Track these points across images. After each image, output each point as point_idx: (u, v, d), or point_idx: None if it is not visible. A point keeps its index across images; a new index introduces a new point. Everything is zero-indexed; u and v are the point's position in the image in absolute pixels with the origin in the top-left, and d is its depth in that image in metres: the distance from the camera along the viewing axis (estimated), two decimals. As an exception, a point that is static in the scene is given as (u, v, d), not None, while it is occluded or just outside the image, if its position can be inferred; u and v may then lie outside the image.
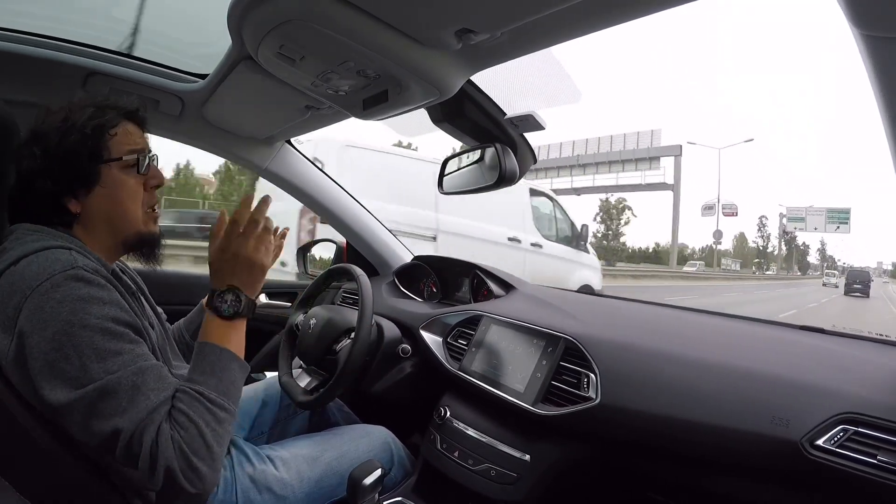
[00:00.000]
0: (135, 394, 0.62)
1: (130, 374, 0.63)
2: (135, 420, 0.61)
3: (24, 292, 0.62)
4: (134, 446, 0.61)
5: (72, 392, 0.60)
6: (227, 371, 0.71)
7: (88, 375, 0.61)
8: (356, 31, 0.68)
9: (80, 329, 0.62)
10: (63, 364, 0.60)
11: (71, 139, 0.72)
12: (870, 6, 0.38)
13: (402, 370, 1.20)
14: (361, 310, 1.00)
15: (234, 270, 0.76)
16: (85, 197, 0.74)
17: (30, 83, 1.10)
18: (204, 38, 1.09)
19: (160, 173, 0.82)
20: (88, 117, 0.74)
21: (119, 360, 0.63)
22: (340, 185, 1.56)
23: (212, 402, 0.67)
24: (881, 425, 0.65)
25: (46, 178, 0.71)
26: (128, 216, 0.77)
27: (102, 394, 0.61)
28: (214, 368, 0.70)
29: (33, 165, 0.72)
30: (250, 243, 0.76)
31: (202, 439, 0.64)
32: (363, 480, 0.84)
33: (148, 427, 0.61)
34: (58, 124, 0.73)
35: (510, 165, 0.96)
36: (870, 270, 28.47)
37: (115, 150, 0.76)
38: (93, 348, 0.62)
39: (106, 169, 0.75)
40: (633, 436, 0.84)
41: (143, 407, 0.62)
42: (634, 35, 58.26)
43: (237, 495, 0.82)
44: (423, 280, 1.59)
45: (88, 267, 0.66)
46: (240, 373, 0.73)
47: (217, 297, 0.75)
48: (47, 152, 0.72)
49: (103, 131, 0.74)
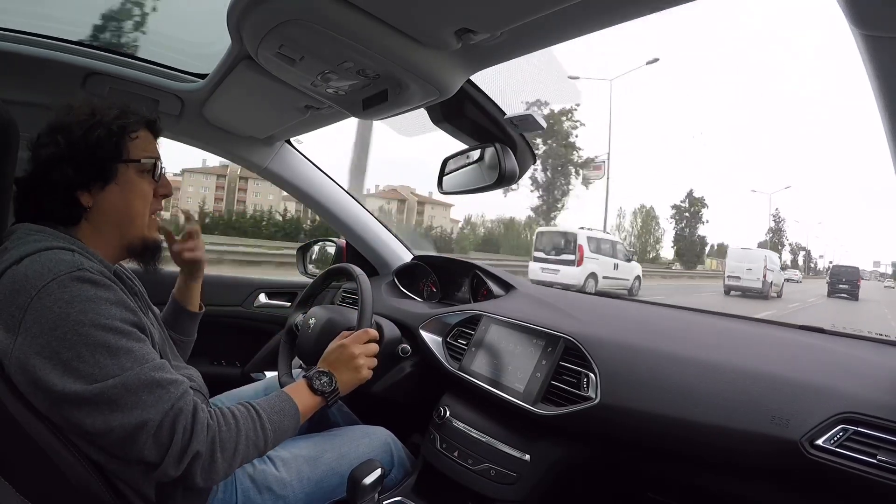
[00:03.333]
0: (154, 387, 0.64)
1: (146, 369, 0.65)
2: (160, 411, 0.64)
3: (29, 292, 0.62)
4: (163, 436, 0.64)
5: (87, 387, 0.61)
6: (289, 423, 0.78)
7: (104, 372, 0.62)
8: (356, 31, 0.68)
9: (91, 328, 0.62)
10: (76, 363, 0.61)
11: (96, 133, 0.74)
12: (870, 6, 0.38)
13: (401, 370, 1.20)
14: (361, 309, 1.00)
15: (341, 366, 0.89)
16: (99, 192, 0.75)
17: (29, 83, 1.10)
18: (204, 38, 1.09)
19: (170, 183, 0.86)
20: (115, 116, 0.76)
21: (131, 357, 0.64)
22: (340, 185, 1.56)
23: (264, 429, 0.74)
24: (881, 425, 0.65)
25: (68, 166, 0.72)
26: (135, 218, 0.79)
27: (122, 389, 0.62)
28: (281, 413, 0.77)
29: (55, 153, 0.72)
30: (364, 360, 0.92)
31: (235, 444, 0.69)
32: (363, 480, 0.84)
33: (178, 416, 0.65)
34: (84, 118, 0.74)
35: (510, 165, 0.96)
36: (859, 268, 22.79)
37: (135, 152, 0.78)
38: (105, 346, 0.63)
39: (123, 168, 0.76)
40: (633, 435, 0.84)
41: (167, 398, 0.65)
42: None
43: (237, 495, 0.83)
44: (422, 280, 1.59)
45: (93, 268, 0.66)
46: (292, 432, 0.80)
47: (318, 373, 0.86)
48: (71, 142, 0.73)
49: (126, 132, 0.77)
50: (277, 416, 0.77)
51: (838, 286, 20.59)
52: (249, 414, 0.73)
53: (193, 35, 1.18)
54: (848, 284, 20.46)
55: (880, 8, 0.38)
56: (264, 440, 0.74)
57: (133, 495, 0.69)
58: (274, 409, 0.77)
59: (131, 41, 1.15)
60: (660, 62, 24.55)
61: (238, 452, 0.70)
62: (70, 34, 1.10)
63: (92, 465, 0.66)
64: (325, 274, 1.23)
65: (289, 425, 0.78)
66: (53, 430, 0.64)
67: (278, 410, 0.77)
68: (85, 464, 0.65)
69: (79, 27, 1.12)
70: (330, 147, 16.50)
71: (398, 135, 1.23)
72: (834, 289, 20.62)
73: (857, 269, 21.68)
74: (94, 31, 1.14)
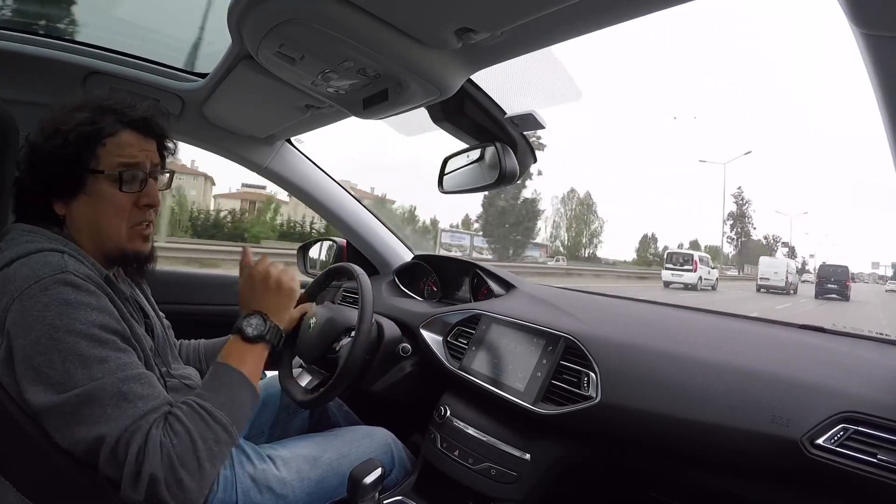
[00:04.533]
0: (120, 401, 0.61)
1: (116, 381, 0.62)
2: (119, 427, 0.60)
3: (11, 295, 0.62)
4: (119, 454, 0.60)
5: (54, 396, 0.59)
6: (236, 393, 0.70)
7: (72, 381, 0.60)
8: (356, 31, 0.68)
9: (65, 334, 0.61)
10: (47, 369, 0.60)
11: (54, 142, 0.70)
12: (870, 5, 0.38)
13: (402, 369, 1.20)
14: (362, 308, 1.00)
15: (261, 296, 0.79)
16: (71, 201, 0.72)
17: (30, 82, 1.10)
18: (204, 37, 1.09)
19: (154, 193, 0.77)
20: (78, 122, 0.70)
21: (104, 367, 0.62)
22: (340, 184, 1.56)
23: (214, 419, 0.66)
24: (882, 424, 0.65)
25: (35, 175, 0.71)
26: (109, 231, 0.74)
27: (85, 400, 0.60)
28: (224, 388, 0.70)
29: (25, 160, 0.72)
30: (278, 267, 0.81)
31: (194, 453, 0.62)
32: (363, 480, 0.84)
33: (135, 434, 0.60)
34: (46, 124, 0.71)
35: (510, 164, 0.96)
36: (849, 268, 20.98)
37: (105, 160, 0.72)
38: (77, 354, 0.61)
39: (92, 178, 0.71)
40: (634, 435, 0.84)
41: (130, 414, 0.61)
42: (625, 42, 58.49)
43: (237, 494, 0.82)
44: (423, 279, 1.59)
45: (79, 272, 0.65)
46: (249, 399, 0.72)
47: (243, 319, 0.77)
48: (34, 150, 0.71)
49: (90, 139, 0.71)
50: (223, 394, 0.69)
51: (826, 286, 19.93)
52: (194, 412, 0.65)
53: (194, 34, 1.18)
54: (837, 284, 19.86)
55: (880, 7, 0.38)
56: (223, 429, 0.66)
57: None
58: (215, 390, 0.69)
59: (132, 40, 1.14)
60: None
61: (202, 462, 0.63)
62: (70, 33, 1.10)
63: (89, 465, 0.66)
64: (326, 273, 1.23)
65: (242, 396, 0.71)
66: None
67: (220, 387, 0.70)
68: (82, 463, 0.65)
69: (79, 26, 1.12)
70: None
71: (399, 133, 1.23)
72: (822, 289, 19.95)
73: (846, 268, 20.79)
74: (94, 31, 1.13)
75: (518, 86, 0.92)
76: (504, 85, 0.93)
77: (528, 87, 0.93)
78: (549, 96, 0.98)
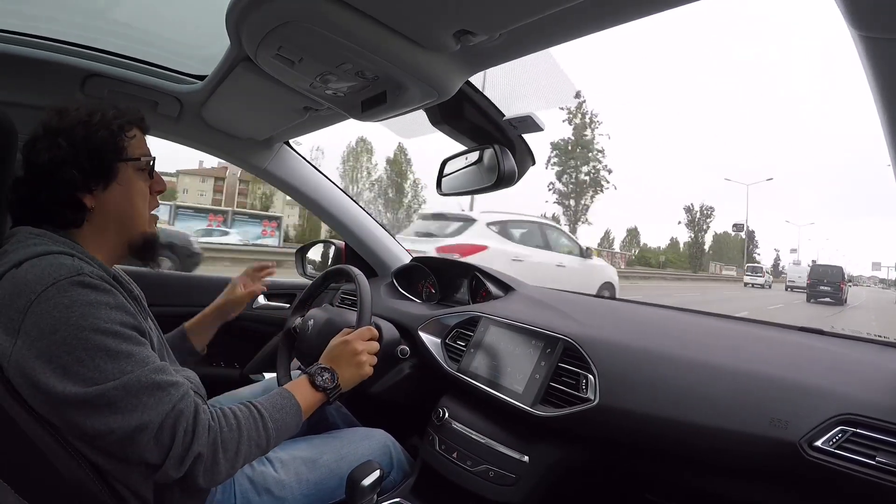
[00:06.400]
0: (154, 390, 0.65)
1: (147, 372, 0.65)
2: (160, 414, 0.64)
3: (28, 296, 0.62)
4: (163, 438, 0.64)
5: (87, 388, 0.61)
6: (291, 420, 0.78)
7: (104, 375, 0.62)
8: (355, 33, 0.68)
9: (91, 333, 0.62)
10: (76, 366, 0.61)
11: (99, 134, 0.75)
12: (868, 7, 0.38)
13: (400, 371, 1.20)
14: (360, 311, 1.00)
15: (343, 362, 0.89)
16: (102, 192, 0.76)
17: (28, 85, 1.09)
18: (202, 40, 1.09)
19: (163, 180, 0.86)
20: (113, 116, 0.77)
21: (132, 360, 0.65)
22: (339, 187, 1.56)
23: (266, 427, 0.74)
24: (880, 426, 0.65)
25: (71, 169, 0.72)
26: (138, 216, 0.80)
27: (122, 392, 0.62)
28: (281, 411, 0.77)
29: (57, 156, 0.72)
30: (367, 356, 0.91)
31: (237, 444, 0.70)
32: (362, 481, 0.84)
33: (179, 418, 0.65)
34: (85, 118, 0.75)
35: (508, 166, 0.96)
36: (843, 268, 18.75)
37: (132, 150, 0.79)
38: (104, 350, 0.63)
39: (123, 167, 0.77)
40: (632, 437, 0.84)
41: (167, 401, 0.65)
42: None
43: (236, 496, 0.82)
44: (421, 281, 1.59)
45: (93, 273, 0.66)
46: (294, 429, 0.80)
47: (320, 369, 0.86)
48: (74, 144, 0.73)
49: (124, 131, 0.78)
50: (279, 413, 0.77)
51: (819, 288, 17.75)
52: (251, 413, 0.74)
53: (192, 36, 1.18)
54: (830, 286, 17.64)
55: (879, 9, 0.38)
56: (266, 439, 0.74)
57: (131, 497, 0.69)
58: (276, 407, 0.77)
59: (130, 43, 1.14)
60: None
61: (240, 453, 0.70)
62: (69, 36, 1.10)
63: (90, 467, 0.66)
64: (324, 275, 1.23)
65: (291, 423, 0.78)
66: (52, 433, 0.64)
67: (280, 408, 0.77)
68: (83, 465, 0.65)
69: (78, 29, 1.12)
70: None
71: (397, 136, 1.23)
72: (814, 291, 17.82)
73: (840, 268, 18.68)
74: (93, 33, 1.13)
75: (516, 88, 0.92)
76: (503, 87, 0.93)
77: (526, 88, 0.93)
78: (547, 98, 0.98)
